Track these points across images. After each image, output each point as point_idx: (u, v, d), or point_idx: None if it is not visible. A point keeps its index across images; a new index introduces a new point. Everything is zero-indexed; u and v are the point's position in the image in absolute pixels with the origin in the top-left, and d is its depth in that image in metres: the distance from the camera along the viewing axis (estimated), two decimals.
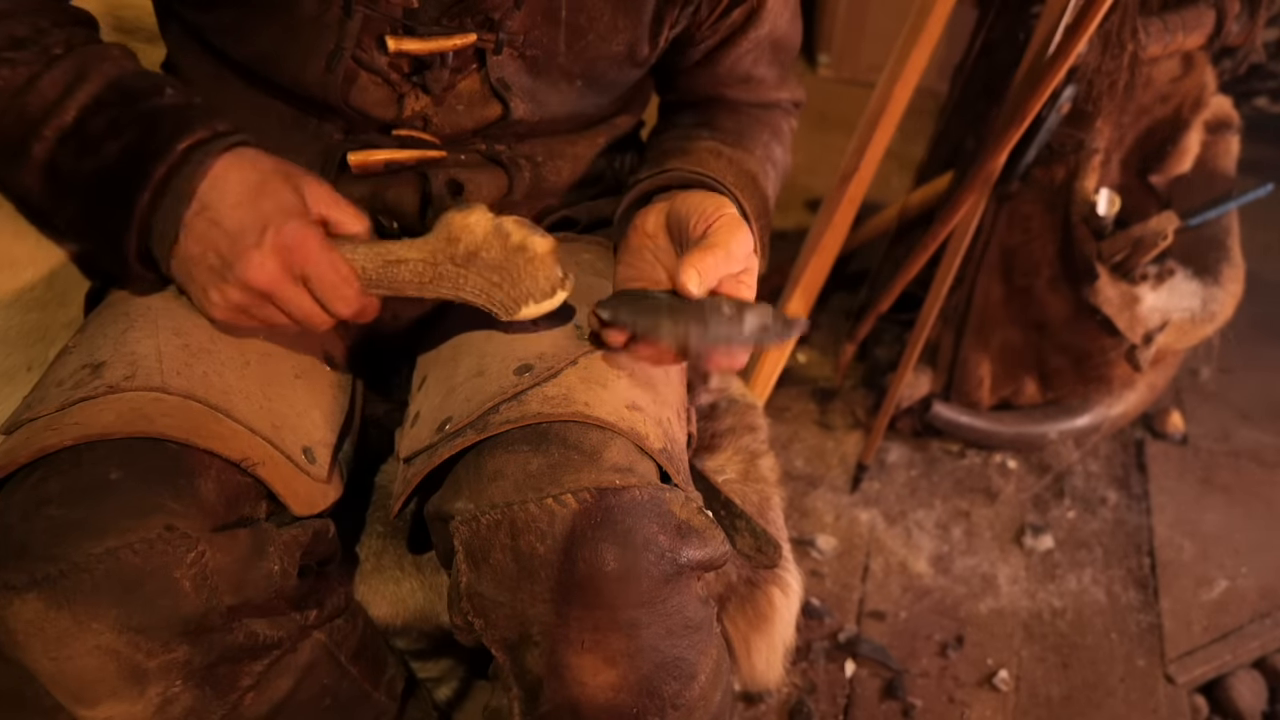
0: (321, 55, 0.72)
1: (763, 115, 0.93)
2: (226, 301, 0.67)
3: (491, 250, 0.69)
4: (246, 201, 0.65)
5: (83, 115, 0.67)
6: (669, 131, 0.91)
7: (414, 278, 0.70)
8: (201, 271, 0.67)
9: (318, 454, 0.75)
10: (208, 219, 0.65)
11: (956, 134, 1.69)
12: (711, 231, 0.70)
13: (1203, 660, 1.44)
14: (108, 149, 0.66)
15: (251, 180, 0.66)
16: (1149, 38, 1.42)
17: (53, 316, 0.86)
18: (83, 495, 0.60)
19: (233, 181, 0.66)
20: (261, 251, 0.64)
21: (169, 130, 0.66)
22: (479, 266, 0.69)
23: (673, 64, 0.90)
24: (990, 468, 1.77)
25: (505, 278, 0.70)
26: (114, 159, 0.66)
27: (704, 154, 0.82)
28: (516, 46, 0.75)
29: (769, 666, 0.91)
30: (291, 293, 0.66)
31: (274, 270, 0.65)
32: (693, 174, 0.79)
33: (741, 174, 0.82)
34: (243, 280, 0.65)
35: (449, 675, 0.91)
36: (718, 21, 0.83)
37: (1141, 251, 1.55)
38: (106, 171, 0.66)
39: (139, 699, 0.61)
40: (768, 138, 0.91)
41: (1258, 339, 2.03)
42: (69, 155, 0.67)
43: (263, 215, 0.65)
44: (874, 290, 1.69)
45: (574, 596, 0.64)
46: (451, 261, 0.69)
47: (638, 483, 0.66)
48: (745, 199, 0.79)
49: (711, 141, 0.85)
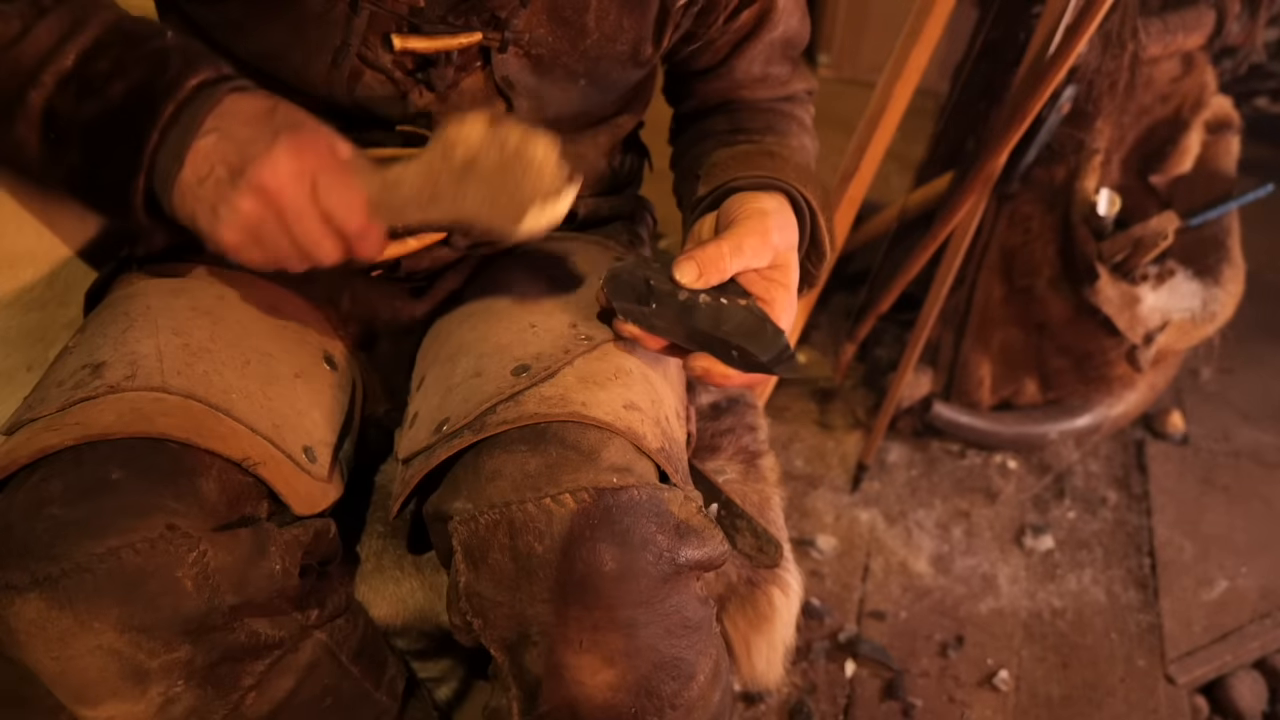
0: (327, 52, 0.72)
1: (785, 108, 0.93)
2: (238, 216, 0.63)
3: (489, 156, 0.64)
4: (258, 119, 0.64)
5: (83, 58, 0.65)
6: (706, 142, 0.90)
7: (414, 196, 0.66)
8: (209, 188, 0.63)
9: (318, 453, 0.75)
10: (215, 138, 0.63)
11: (956, 134, 1.69)
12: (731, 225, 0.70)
13: (1203, 660, 1.44)
14: (112, 89, 0.64)
15: (262, 105, 0.65)
16: (1149, 38, 1.42)
17: (53, 316, 0.86)
18: (84, 495, 0.60)
19: (243, 106, 0.65)
20: (273, 153, 0.62)
21: (177, 68, 0.65)
22: (477, 176, 0.65)
23: (687, 69, 0.90)
24: (990, 468, 1.77)
25: (506, 184, 0.64)
26: (119, 99, 0.64)
27: (758, 157, 0.81)
28: (521, 45, 0.75)
29: (769, 666, 0.91)
30: (303, 204, 0.64)
31: (287, 170, 0.62)
32: (756, 178, 0.77)
33: (798, 169, 0.81)
34: (255, 182, 0.62)
35: (449, 675, 0.91)
36: (726, 24, 0.83)
37: (1142, 252, 1.55)
38: (110, 113, 0.64)
39: (140, 699, 0.61)
40: (796, 129, 0.92)
41: (1258, 339, 2.03)
42: (69, 100, 0.65)
43: (274, 125, 0.64)
44: (874, 290, 1.69)
45: (572, 596, 0.64)
46: (449, 174, 0.65)
47: (636, 482, 0.66)
48: (809, 193, 0.79)
49: (753, 144, 0.85)
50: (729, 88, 0.91)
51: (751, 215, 0.71)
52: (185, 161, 0.63)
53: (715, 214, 0.76)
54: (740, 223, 0.71)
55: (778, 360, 0.69)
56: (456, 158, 0.65)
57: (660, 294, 0.70)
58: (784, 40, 0.89)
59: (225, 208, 0.63)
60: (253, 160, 0.62)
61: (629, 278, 0.72)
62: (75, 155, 0.67)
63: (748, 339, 0.68)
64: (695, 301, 0.69)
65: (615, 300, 0.72)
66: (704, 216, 0.78)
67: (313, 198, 0.64)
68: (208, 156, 0.63)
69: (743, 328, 0.69)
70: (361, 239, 0.67)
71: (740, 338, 0.68)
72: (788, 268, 0.73)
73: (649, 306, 0.70)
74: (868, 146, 1.41)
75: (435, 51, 0.73)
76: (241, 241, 0.65)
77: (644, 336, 0.72)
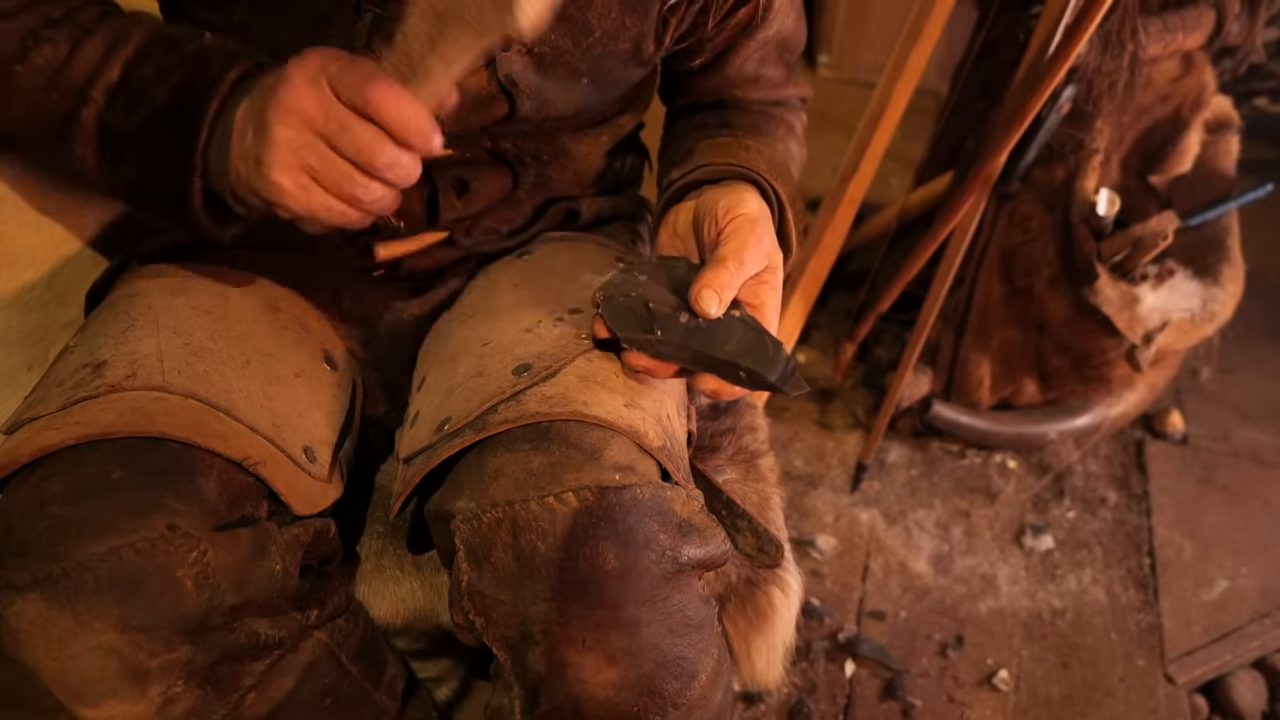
0: None
1: (775, 112, 0.93)
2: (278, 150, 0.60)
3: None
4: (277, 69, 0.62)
5: (128, 68, 0.67)
6: (690, 134, 0.91)
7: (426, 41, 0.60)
8: (248, 142, 0.61)
9: (318, 453, 0.75)
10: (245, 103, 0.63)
11: (956, 134, 1.69)
12: (723, 240, 0.69)
13: (1203, 660, 1.44)
14: (157, 94, 0.65)
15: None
16: (1149, 38, 1.42)
17: (53, 316, 0.86)
18: (85, 494, 0.60)
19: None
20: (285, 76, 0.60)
21: (218, 67, 0.65)
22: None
23: (682, 67, 0.90)
24: (990, 468, 1.77)
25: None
26: (165, 101, 0.65)
27: (733, 147, 0.82)
28: (524, 44, 0.76)
29: (769, 666, 0.91)
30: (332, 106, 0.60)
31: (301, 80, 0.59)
32: (726, 166, 0.78)
33: (773, 163, 0.81)
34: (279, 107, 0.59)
35: (449, 675, 0.91)
36: (723, 21, 0.84)
37: (1141, 251, 1.55)
38: (159, 117, 0.65)
39: (141, 698, 0.61)
40: (783, 132, 0.92)
41: (1258, 339, 2.03)
42: (119, 111, 0.66)
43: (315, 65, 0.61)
44: (874, 290, 1.69)
45: (575, 594, 0.64)
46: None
47: (639, 481, 0.66)
48: (780, 185, 0.79)
49: (735, 137, 0.85)
50: (722, 85, 0.91)
51: (743, 225, 0.70)
52: (231, 144, 0.63)
53: (692, 205, 0.76)
54: (734, 235, 0.70)
55: (785, 379, 0.68)
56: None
57: (661, 318, 0.69)
58: (778, 40, 0.89)
59: (265, 148, 0.60)
60: (270, 91, 0.61)
61: (626, 302, 0.70)
62: (132, 168, 0.68)
63: (754, 360, 0.67)
64: (696, 323, 0.68)
65: (619, 331, 0.70)
66: (677, 205, 0.78)
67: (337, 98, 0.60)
68: (242, 120, 0.63)
69: (744, 345, 0.68)
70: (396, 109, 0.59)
71: (747, 359, 0.67)
72: (776, 270, 0.72)
73: (654, 334, 0.69)
74: (868, 146, 1.41)
75: None
76: (295, 182, 0.61)
77: (657, 367, 0.71)
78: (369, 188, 0.61)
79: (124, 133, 0.67)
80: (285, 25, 0.72)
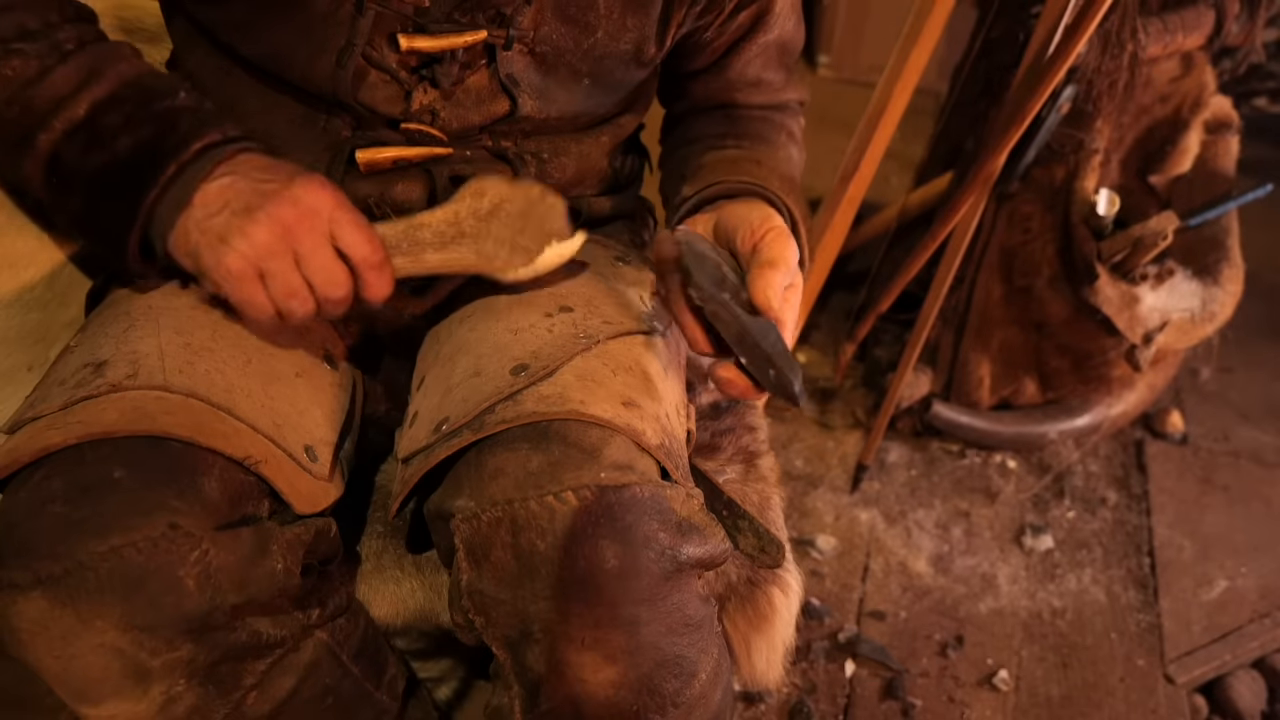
0: (332, 52, 0.72)
1: (775, 117, 0.93)
2: (250, 244, 0.64)
3: (515, 202, 0.75)
4: (271, 167, 0.67)
5: (95, 110, 0.67)
6: (695, 145, 0.90)
7: (435, 238, 0.73)
8: (220, 220, 0.65)
9: (319, 452, 0.75)
10: (230, 179, 0.66)
11: (956, 134, 1.69)
12: (763, 246, 0.69)
13: (1202, 660, 1.45)
14: (119, 144, 0.66)
15: (273, 159, 0.69)
16: (1149, 38, 1.43)
17: (53, 316, 0.86)
18: (86, 494, 0.60)
19: (254, 159, 0.68)
20: (293, 188, 0.65)
21: (186, 130, 0.66)
22: (503, 217, 0.75)
23: (682, 70, 0.90)
24: (990, 468, 1.77)
25: (528, 224, 0.75)
26: (125, 154, 0.66)
27: (744, 163, 0.82)
28: (526, 43, 0.76)
29: (769, 666, 0.91)
30: (319, 239, 0.65)
31: (308, 203, 0.65)
32: (740, 183, 0.78)
33: (784, 180, 0.81)
34: (274, 214, 0.64)
35: (449, 675, 0.91)
36: (724, 24, 0.84)
37: (1141, 251, 1.55)
38: (115, 167, 0.66)
39: (143, 698, 0.61)
40: (785, 139, 0.92)
41: (1258, 339, 2.03)
42: (76, 149, 0.67)
43: (289, 171, 0.67)
44: (874, 290, 1.69)
45: (574, 593, 0.64)
46: (475, 216, 0.74)
47: (638, 480, 0.66)
48: (793, 203, 0.79)
49: (743, 150, 0.85)
50: (723, 89, 0.91)
51: (781, 235, 0.69)
52: (194, 201, 0.65)
53: (711, 219, 0.75)
54: (775, 243, 0.69)
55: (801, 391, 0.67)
56: (485, 201, 0.75)
57: (732, 287, 0.68)
58: (779, 44, 0.89)
59: (237, 236, 0.64)
60: (271, 195, 0.64)
61: (707, 254, 0.69)
62: (77, 202, 0.69)
63: (786, 363, 0.66)
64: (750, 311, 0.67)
65: (696, 272, 0.67)
66: (693, 218, 0.78)
67: (328, 235, 0.66)
68: (221, 194, 0.65)
69: (780, 348, 0.66)
70: (375, 272, 0.68)
71: (781, 360, 0.66)
72: (797, 287, 0.72)
73: (724, 295, 0.67)
74: (868, 146, 1.41)
75: (440, 50, 0.74)
76: (245, 272, 0.65)
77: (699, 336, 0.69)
78: (308, 307, 0.67)
79: (76, 170, 0.67)
80: (285, 24, 0.72)
